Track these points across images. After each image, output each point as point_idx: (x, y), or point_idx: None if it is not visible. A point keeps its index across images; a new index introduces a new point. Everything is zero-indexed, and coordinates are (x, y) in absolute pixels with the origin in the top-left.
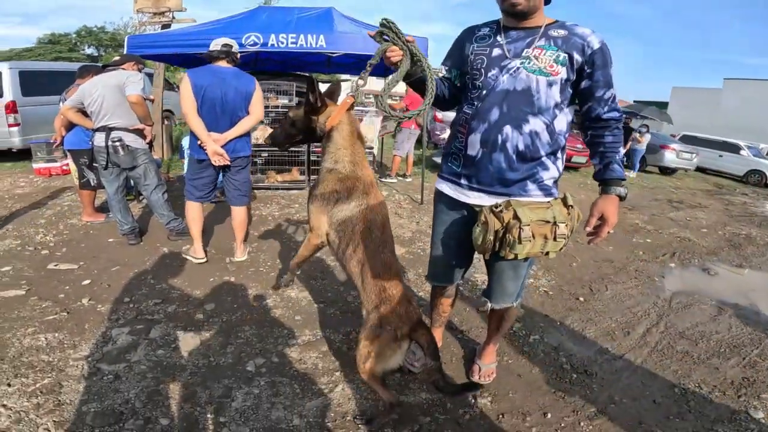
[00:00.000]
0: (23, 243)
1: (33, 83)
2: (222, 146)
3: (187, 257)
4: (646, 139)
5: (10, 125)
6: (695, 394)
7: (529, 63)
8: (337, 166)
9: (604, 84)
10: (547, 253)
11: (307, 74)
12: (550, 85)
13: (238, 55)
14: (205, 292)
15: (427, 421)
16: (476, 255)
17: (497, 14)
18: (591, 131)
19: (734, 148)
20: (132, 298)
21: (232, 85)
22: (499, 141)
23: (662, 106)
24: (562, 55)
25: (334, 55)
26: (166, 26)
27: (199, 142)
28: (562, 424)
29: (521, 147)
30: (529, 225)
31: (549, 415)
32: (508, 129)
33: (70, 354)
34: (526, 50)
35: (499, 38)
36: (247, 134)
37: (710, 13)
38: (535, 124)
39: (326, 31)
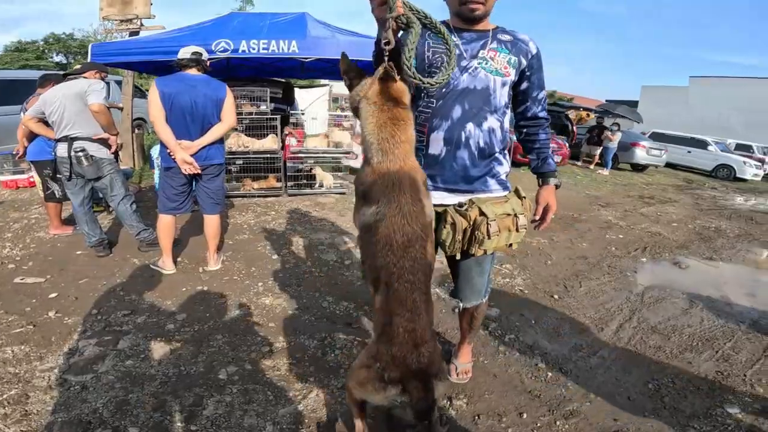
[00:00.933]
0: None
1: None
2: (193, 154)
3: (156, 268)
4: (618, 137)
5: None
6: (669, 389)
7: (486, 64)
8: (366, 155)
9: (539, 86)
10: (511, 245)
11: (282, 80)
12: (503, 85)
13: (208, 63)
14: (176, 302)
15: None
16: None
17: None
18: (526, 129)
19: (702, 144)
20: (100, 309)
21: (201, 92)
22: (463, 138)
23: (633, 104)
24: (513, 58)
25: (308, 60)
26: (134, 33)
27: (168, 151)
28: (538, 424)
29: (482, 144)
30: (495, 220)
31: (525, 415)
32: (470, 126)
33: (36, 366)
34: (481, 51)
35: (454, 38)
36: (220, 141)
37: (679, 12)
38: (492, 121)
39: (299, 36)
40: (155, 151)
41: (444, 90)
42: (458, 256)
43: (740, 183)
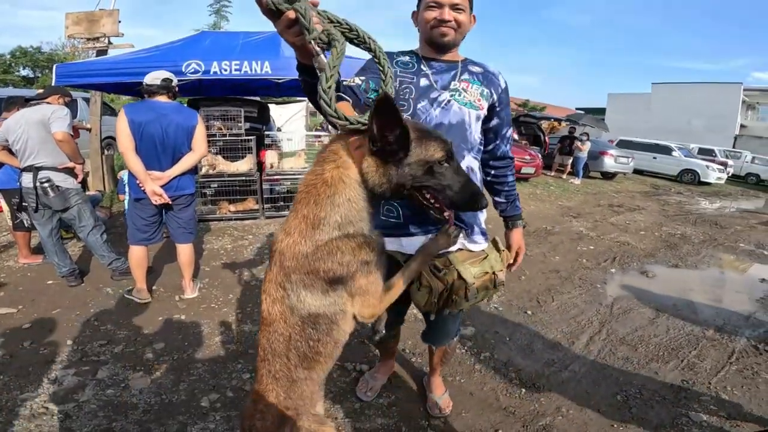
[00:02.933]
0: None
1: None
2: (164, 185)
3: (131, 297)
4: (587, 146)
5: None
6: (637, 400)
7: (459, 95)
8: None
9: (507, 122)
10: (485, 298)
11: (257, 98)
12: (477, 119)
13: (177, 88)
14: (153, 330)
15: None
16: None
17: None
18: (495, 170)
19: (666, 150)
20: (75, 340)
21: (174, 121)
22: None
23: (600, 112)
24: (486, 91)
25: (281, 80)
26: (102, 52)
27: (137, 182)
28: None
29: None
30: (473, 283)
31: None
32: None
33: (17, 395)
34: (453, 82)
35: (423, 67)
36: (192, 171)
37: (642, 20)
38: (470, 161)
39: (272, 56)
40: (125, 176)
41: None
42: (433, 317)
43: (705, 186)
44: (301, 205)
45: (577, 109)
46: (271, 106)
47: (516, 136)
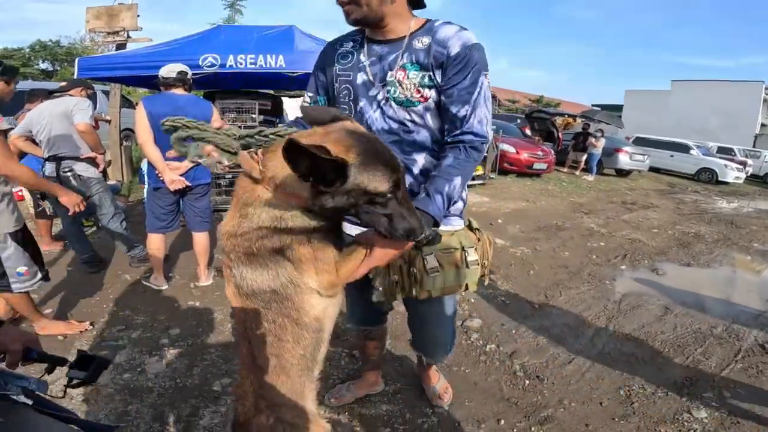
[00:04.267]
0: None
1: None
2: (182, 174)
3: (148, 284)
4: (602, 143)
5: None
6: (639, 395)
7: (395, 92)
8: None
9: (460, 99)
10: (467, 286)
11: (271, 92)
12: (423, 114)
13: (192, 81)
14: (169, 317)
15: (387, 431)
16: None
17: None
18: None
19: (684, 148)
20: (94, 325)
21: (190, 113)
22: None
23: (617, 109)
24: (427, 75)
25: (295, 74)
26: (121, 46)
27: (156, 171)
28: (515, 430)
29: (421, 179)
30: (432, 254)
31: (502, 422)
32: (410, 159)
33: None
34: (390, 73)
35: (362, 57)
36: None
37: (660, 16)
38: (424, 160)
39: (286, 51)
40: (144, 166)
41: None
42: (396, 298)
43: (722, 186)
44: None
45: (592, 105)
46: (284, 99)
47: (529, 132)
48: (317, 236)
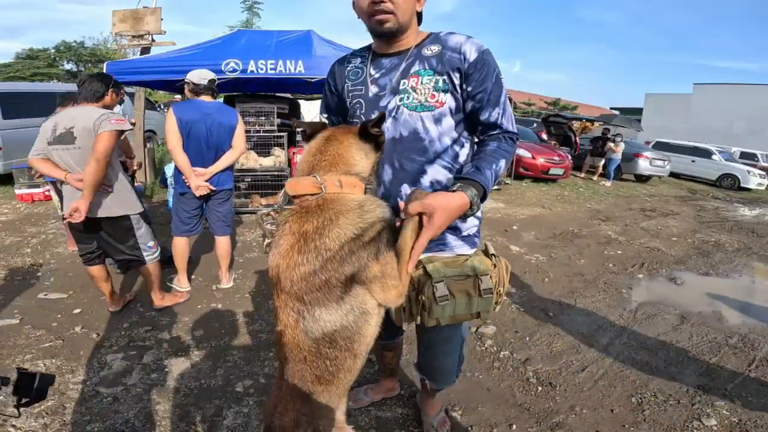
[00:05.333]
0: (11, 272)
1: (14, 105)
2: (206, 180)
3: (172, 286)
4: (621, 147)
5: None
6: (651, 402)
7: (408, 98)
8: None
9: (492, 102)
10: (479, 314)
11: (289, 96)
12: (437, 120)
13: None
14: (193, 318)
15: None
16: None
17: (483, 28)
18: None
19: (706, 153)
20: (123, 325)
21: (217, 120)
22: (409, 187)
23: (637, 112)
24: (441, 79)
25: (314, 79)
26: (145, 49)
27: (183, 177)
28: None
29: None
30: (442, 281)
31: (514, 426)
32: (406, 189)
33: (69, 378)
34: (402, 81)
35: (371, 71)
36: (230, 167)
37: (681, 18)
38: (436, 172)
39: (305, 56)
40: (169, 170)
41: None
42: (409, 325)
43: (744, 192)
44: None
45: (611, 108)
46: (301, 102)
47: (545, 136)
48: (386, 238)
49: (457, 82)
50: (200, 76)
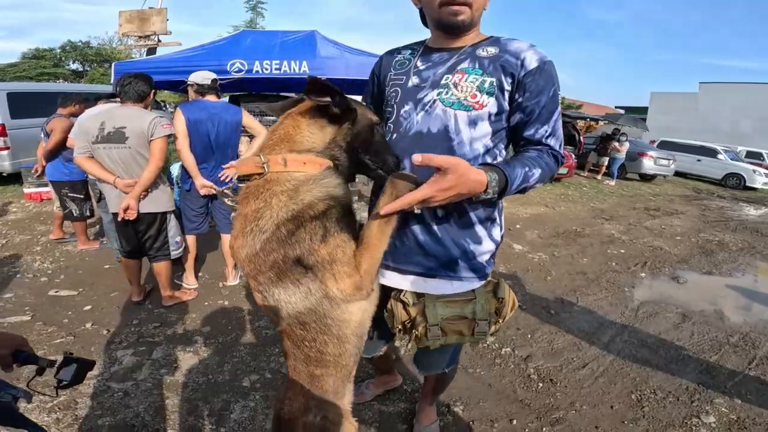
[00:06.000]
0: (22, 270)
1: (21, 105)
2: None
3: (181, 284)
4: (626, 147)
5: None
6: (650, 399)
7: (446, 93)
8: None
9: (542, 118)
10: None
11: (294, 95)
12: (473, 123)
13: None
14: (201, 315)
15: (404, 428)
16: None
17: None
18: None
19: (711, 153)
20: (132, 322)
21: (224, 119)
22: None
23: (642, 111)
24: (489, 81)
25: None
26: (151, 50)
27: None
28: (527, 430)
29: (441, 212)
30: (437, 324)
31: (515, 422)
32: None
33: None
34: (446, 76)
35: (418, 63)
36: None
37: (687, 16)
38: None
39: (309, 56)
40: (174, 169)
41: (395, 136)
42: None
43: (750, 192)
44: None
45: (616, 107)
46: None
47: None
48: (335, 219)
49: (507, 88)
50: (203, 76)
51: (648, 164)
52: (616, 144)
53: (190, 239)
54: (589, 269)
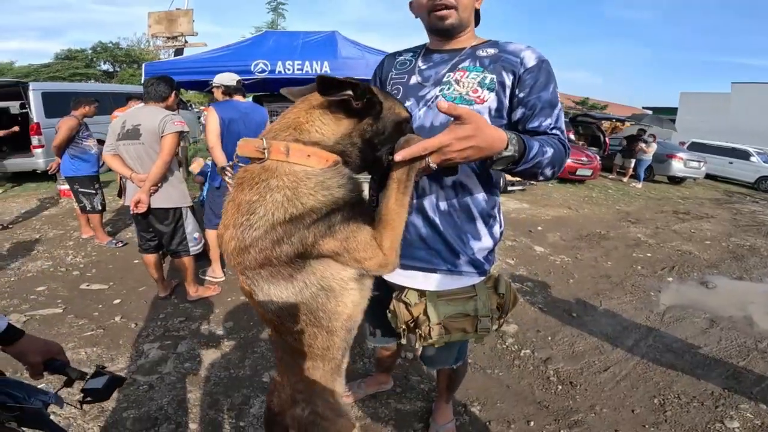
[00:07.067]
0: (55, 264)
1: (56, 105)
2: None
3: (206, 278)
4: (653, 148)
5: (33, 147)
6: (674, 404)
7: (448, 89)
8: None
9: (544, 112)
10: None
11: None
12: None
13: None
14: (224, 310)
15: (421, 426)
16: None
17: (513, 29)
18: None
19: (744, 155)
20: (159, 316)
21: (253, 119)
22: (415, 199)
23: (671, 112)
24: (489, 77)
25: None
26: (179, 50)
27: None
28: None
29: (443, 207)
30: (439, 324)
31: (532, 423)
32: (425, 182)
33: (108, 366)
34: (448, 75)
35: (420, 63)
36: None
37: (717, 15)
38: (461, 174)
39: (330, 57)
40: (210, 163)
41: None
42: (403, 340)
43: None
44: None
45: (644, 108)
46: None
47: (572, 136)
48: (340, 217)
49: (508, 84)
50: (229, 78)
51: (677, 166)
52: (643, 145)
53: (216, 233)
54: (613, 272)
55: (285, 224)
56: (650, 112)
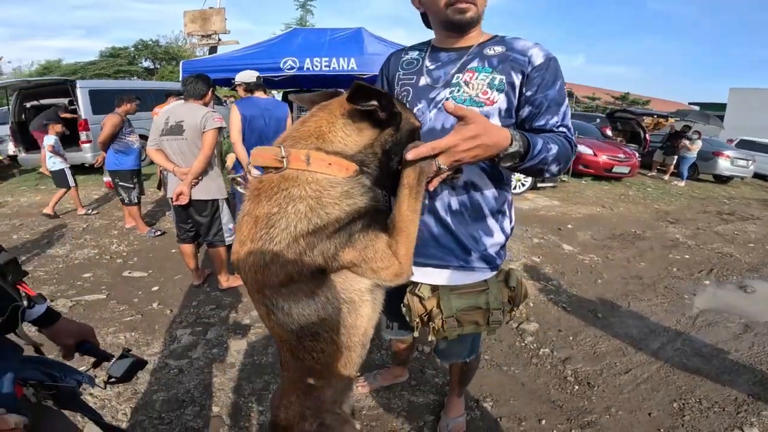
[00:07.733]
0: (100, 252)
1: (102, 101)
2: None
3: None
4: (698, 146)
5: (82, 142)
6: (693, 409)
7: (458, 91)
8: None
9: (551, 110)
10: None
11: (342, 91)
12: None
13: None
14: (251, 300)
15: (432, 419)
16: None
17: (527, 26)
18: None
19: None
20: (192, 303)
21: (273, 115)
22: (427, 200)
23: (720, 108)
24: (499, 78)
25: (366, 76)
26: (213, 48)
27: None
28: (554, 431)
29: (455, 206)
30: (452, 316)
31: (543, 422)
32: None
33: (144, 351)
34: (457, 75)
35: (427, 62)
36: None
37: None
38: (471, 172)
39: (357, 53)
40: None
41: None
42: (416, 333)
43: None
44: None
45: (690, 104)
46: None
47: (609, 133)
48: (360, 225)
49: (516, 83)
50: (250, 75)
51: (724, 165)
52: (687, 142)
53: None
54: (645, 274)
55: (308, 236)
56: (697, 107)
